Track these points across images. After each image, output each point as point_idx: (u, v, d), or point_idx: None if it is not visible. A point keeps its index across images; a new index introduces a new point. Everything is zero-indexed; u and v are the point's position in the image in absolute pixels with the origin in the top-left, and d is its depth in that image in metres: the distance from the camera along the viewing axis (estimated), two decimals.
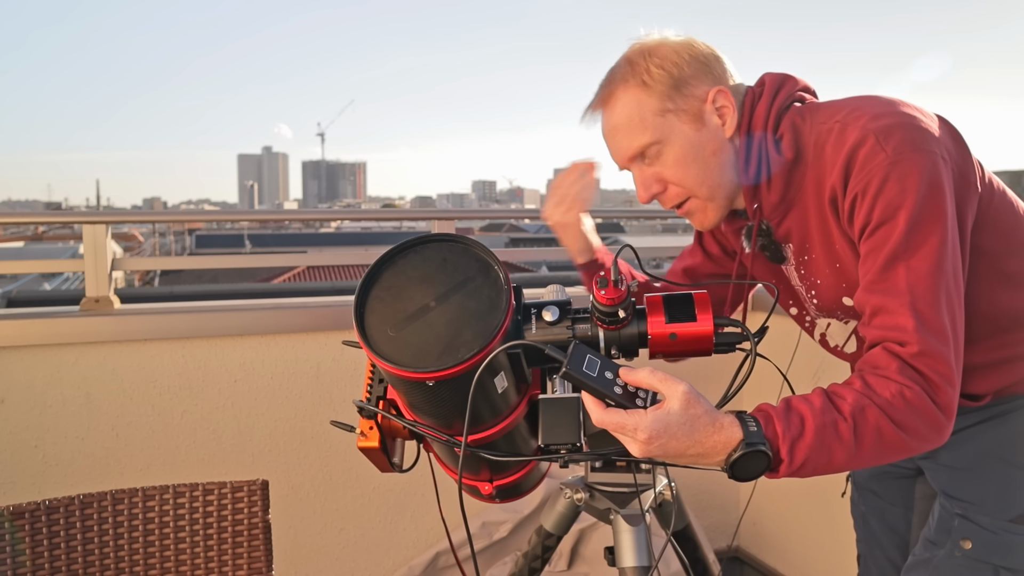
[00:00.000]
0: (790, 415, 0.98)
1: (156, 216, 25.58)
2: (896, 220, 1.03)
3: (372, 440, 1.13)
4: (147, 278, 15.53)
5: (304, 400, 2.34)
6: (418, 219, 9.88)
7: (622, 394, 0.96)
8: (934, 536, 1.27)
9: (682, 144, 1.17)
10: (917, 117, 1.09)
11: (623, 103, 1.18)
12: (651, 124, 1.17)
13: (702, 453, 0.97)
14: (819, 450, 0.97)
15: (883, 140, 1.05)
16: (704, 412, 0.96)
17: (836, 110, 1.14)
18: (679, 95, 1.17)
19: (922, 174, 1.03)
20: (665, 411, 0.95)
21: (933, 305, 1.01)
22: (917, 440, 1.01)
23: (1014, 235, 1.18)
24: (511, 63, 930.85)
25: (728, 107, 1.18)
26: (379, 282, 1.01)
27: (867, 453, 0.99)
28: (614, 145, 1.22)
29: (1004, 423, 1.21)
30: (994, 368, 1.19)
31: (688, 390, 0.96)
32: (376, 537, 2.45)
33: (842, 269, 1.18)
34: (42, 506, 1.41)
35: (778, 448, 0.96)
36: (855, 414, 0.98)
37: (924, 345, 1.00)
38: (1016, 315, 1.18)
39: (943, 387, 1.00)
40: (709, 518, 2.84)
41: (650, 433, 0.94)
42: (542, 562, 1.38)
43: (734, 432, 0.96)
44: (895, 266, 1.03)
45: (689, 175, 1.19)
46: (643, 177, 1.21)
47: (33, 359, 2.11)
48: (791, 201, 1.20)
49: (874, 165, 1.05)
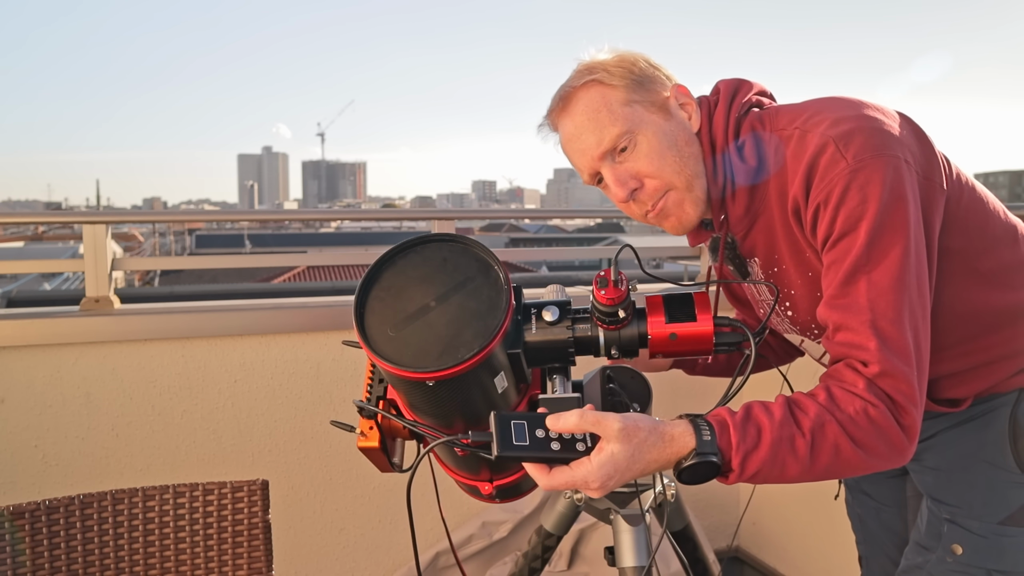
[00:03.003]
0: (747, 426, 0.96)
1: (156, 216, 25.54)
2: (857, 232, 1.00)
3: (372, 440, 1.13)
4: (147, 278, 15.53)
5: (304, 400, 2.33)
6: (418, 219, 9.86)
7: (560, 448, 0.94)
8: (924, 540, 1.25)
9: (655, 131, 1.12)
10: (878, 119, 1.06)
11: (585, 101, 1.13)
12: (620, 114, 1.11)
13: (661, 466, 0.96)
14: (772, 464, 0.95)
15: (843, 147, 1.02)
16: (648, 433, 0.94)
17: (795, 115, 1.11)
18: (641, 88, 1.13)
19: (883, 181, 1.00)
20: (608, 454, 0.93)
21: (895, 322, 0.99)
22: (875, 459, 0.99)
23: (985, 233, 1.14)
24: (511, 63, 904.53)
25: (690, 103, 1.16)
26: (379, 282, 1.01)
27: (821, 469, 0.98)
28: (580, 147, 1.15)
29: (986, 424, 1.19)
30: (973, 372, 1.17)
31: (623, 427, 0.93)
32: (376, 537, 2.45)
33: (815, 278, 1.14)
34: (42, 506, 1.41)
35: (730, 458, 0.95)
36: (814, 430, 0.96)
37: (886, 365, 0.97)
38: (993, 315, 1.15)
39: (907, 408, 0.98)
40: (709, 518, 2.84)
41: (601, 480, 0.93)
42: (542, 562, 1.38)
43: (686, 441, 0.95)
44: (856, 280, 1.01)
45: (667, 164, 1.12)
46: (617, 175, 1.13)
47: (33, 359, 2.11)
48: (756, 213, 1.17)
49: (835, 174, 1.02)
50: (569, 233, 35.40)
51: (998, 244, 1.15)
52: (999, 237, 1.16)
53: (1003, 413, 1.18)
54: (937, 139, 1.13)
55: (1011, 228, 1.18)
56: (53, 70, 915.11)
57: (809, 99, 1.16)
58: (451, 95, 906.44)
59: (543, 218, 35.97)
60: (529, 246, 28.04)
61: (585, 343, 1.07)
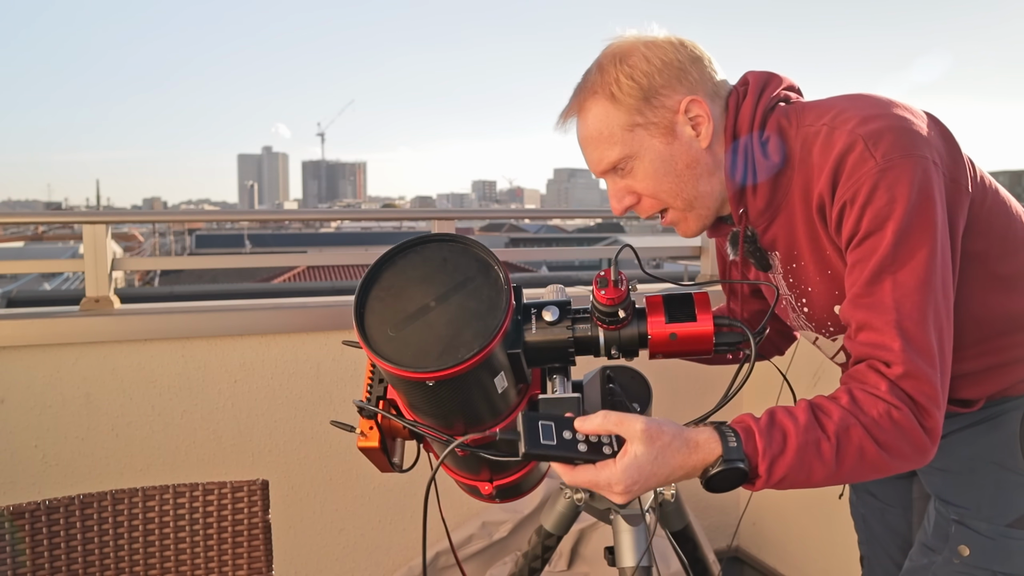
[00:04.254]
0: (773, 431, 0.96)
1: (156, 216, 25.59)
2: (884, 231, 1.00)
3: (372, 440, 1.13)
4: (147, 278, 15.53)
5: (304, 400, 2.33)
6: (418, 219, 9.88)
7: (587, 450, 0.94)
8: (931, 542, 1.25)
9: (652, 159, 1.13)
10: (907, 119, 1.05)
11: (593, 115, 1.15)
12: (620, 139, 1.13)
13: (686, 474, 0.96)
14: (799, 468, 0.95)
15: (872, 146, 1.02)
16: (672, 438, 0.94)
17: (823, 112, 1.11)
18: (649, 107, 1.12)
19: (912, 182, 1.00)
20: (632, 456, 0.93)
21: (920, 323, 0.98)
22: (899, 461, 0.99)
23: (1007, 237, 1.14)
24: (511, 63, 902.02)
25: (703, 117, 1.13)
26: (379, 282, 1.01)
27: (847, 472, 0.98)
28: (588, 155, 1.19)
29: (997, 426, 1.19)
30: (987, 374, 1.17)
31: (646, 427, 0.93)
32: (376, 537, 2.45)
33: (834, 276, 1.14)
34: (42, 506, 1.41)
35: (756, 464, 0.95)
36: (839, 433, 0.96)
37: (910, 366, 0.97)
38: (1009, 318, 1.15)
39: (930, 410, 0.98)
40: (709, 518, 2.84)
41: (625, 483, 0.93)
42: (542, 562, 1.38)
43: (712, 448, 0.95)
44: (882, 280, 1.00)
45: (662, 188, 1.15)
46: (616, 189, 1.18)
47: (33, 359, 2.11)
48: (777, 207, 1.16)
49: (863, 173, 1.01)
50: (569, 233, 35.42)
51: (1018, 248, 1.15)
52: (1019, 241, 1.15)
53: (1014, 416, 1.18)
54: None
55: None
56: (53, 70, 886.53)
57: (835, 95, 1.15)
58: (451, 95, 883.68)
59: (543, 218, 35.99)
60: (529, 246, 28.04)
61: (585, 343, 1.07)
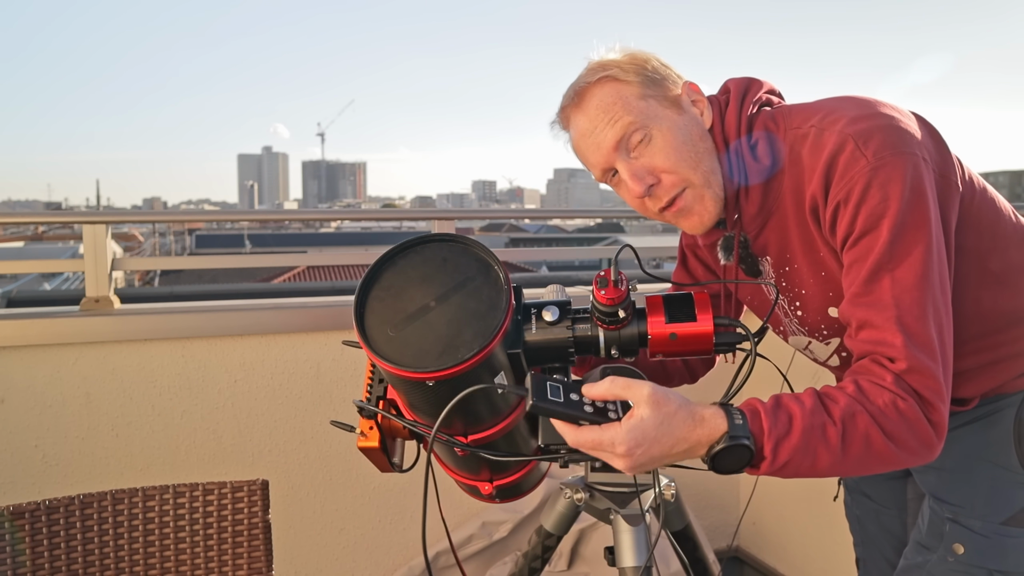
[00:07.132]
0: (778, 412, 0.96)
1: (156, 216, 25.56)
2: (879, 229, 1.00)
3: (372, 440, 1.13)
4: (147, 278, 15.53)
5: (304, 400, 2.33)
6: (418, 219, 9.86)
7: (593, 412, 0.94)
8: (925, 540, 1.25)
9: (670, 126, 1.11)
10: (895, 118, 1.06)
11: (600, 96, 1.12)
12: (634, 106, 1.11)
13: (688, 449, 0.95)
14: (804, 452, 0.94)
15: (862, 145, 1.02)
16: (678, 407, 0.94)
17: (811, 113, 1.11)
18: (655, 85, 1.13)
19: (904, 179, 1.00)
20: (638, 418, 0.92)
21: (920, 318, 0.99)
22: (905, 453, 0.98)
23: (996, 232, 1.15)
24: (511, 64, 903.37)
25: (701, 100, 1.15)
26: (379, 282, 1.01)
27: (853, 460, 0.97)
28: (594, 142, 1.13)
29: (991, 424, 1.19)
30: (981, 371, 1.17)
31: (653, 391, 0.93)
32: (376, 537, 2.45)
33: (828, 278, 1.14)
34: (42, 506, 1.41)
35: (762, 445, 0.94)
36: (845, 419, 0.96)
37: (913, 361, 0.97)
38: (1002, 315, 1.16)
39: (935, 404, 0.98)
40: (709, 518, 2.84)
41: (628, 444, 0.92)
42: (542, 562, 1.38)
43: (718, 423, 0.94)
44: (880, 278, 1.00)
45: (683, 159, 1.11)
46: (634, 170, 1.11)
47: (33, 359, 2.11)
48: (769, 210, 1.16)
49: (855, 172, 1.02)
50: (569, 233, 35.42)
51: (1008, 244, 1.16)
52: (1009, 237, 1.16)
53: (1009, 413, 1.18)
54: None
55: (1021, 229, 1.18)
56: (53, 70, 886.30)
57: (821, 98, 1.15)
58: (451, 95, 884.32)
59: (543, 218, 35.98)
60: (529, 246, 28.05)
61: (585, 343, 1.07)
